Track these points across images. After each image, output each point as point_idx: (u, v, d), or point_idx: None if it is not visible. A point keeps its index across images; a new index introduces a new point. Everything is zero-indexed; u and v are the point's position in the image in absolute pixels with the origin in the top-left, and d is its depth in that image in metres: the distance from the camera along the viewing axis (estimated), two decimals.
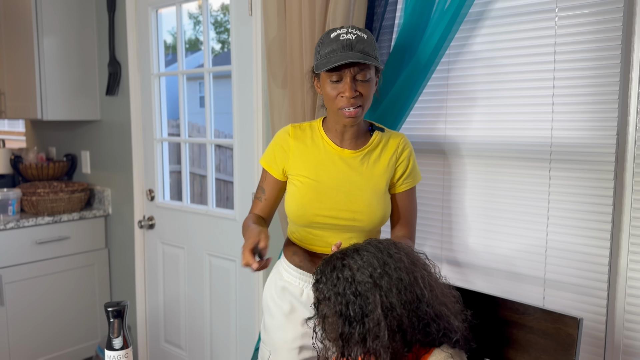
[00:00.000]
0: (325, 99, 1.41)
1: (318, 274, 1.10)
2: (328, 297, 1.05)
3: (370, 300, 1.02)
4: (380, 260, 1.05)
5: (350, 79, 1.34)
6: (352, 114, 1.36)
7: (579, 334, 1.13)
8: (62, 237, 2.87)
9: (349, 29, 1.36)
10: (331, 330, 1.05)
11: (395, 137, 1.49)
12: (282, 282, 1.53)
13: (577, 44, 1.43)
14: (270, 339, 1.54)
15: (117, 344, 1.17)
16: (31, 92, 2.83)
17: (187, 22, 2.69)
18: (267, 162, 1.52)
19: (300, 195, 1.44)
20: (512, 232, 1.59)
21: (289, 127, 1.51)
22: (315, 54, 1.40)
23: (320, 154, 1.46)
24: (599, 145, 1.41)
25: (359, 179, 1.44)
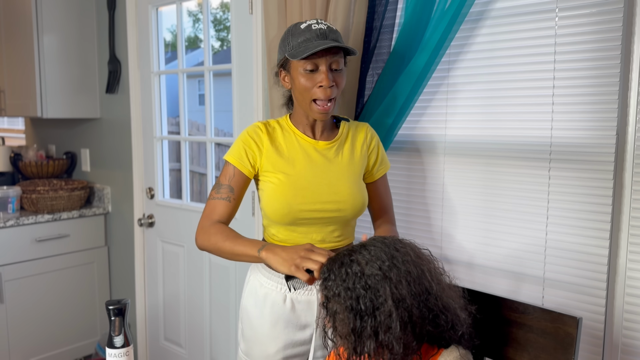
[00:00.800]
0: (298, 92, 1.38)
1: (325, 272, 1.09)
2: (337, 293, 1.05)
3: (380, 292, 1.02)
4: (388, 254, 1.06)
5: (327, 68, 1.33)
6: (326, 109, 1.36)
7: (578, 333, 1.13)
8: (61, 235, 2.87)
9: (317, 20, 1.35)
10: (342, 326, 1.04)
11: (360, 126, 1.53)
12: (264, 290, 1.46)
13: (577, 44, 1.43)
14: (253, 351, 1.48)
15: (118, 342, 1.17)
16: (31, 90, 2.83)
17: (186, 19, 2.68)
18: (237, 158, 1.42)
19: (282, 192, 1.40)
20: (512, 232, 1.59)
21: (259, 124, 1.46)
22: (284, 45, 1.37)
23: (294, 148, 1.44)
24: (598, 145, 1.42)
25: (336, 169, 1.44)
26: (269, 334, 1.45)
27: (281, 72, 1.43)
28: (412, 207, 1.81)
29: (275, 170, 1.41)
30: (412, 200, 1.81)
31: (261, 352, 1.46)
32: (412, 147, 1.79)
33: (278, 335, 1.44)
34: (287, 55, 1.35)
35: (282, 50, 1.38)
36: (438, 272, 1.11)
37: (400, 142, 1.81)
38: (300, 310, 1.45)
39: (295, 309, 1.44)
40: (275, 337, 1.44)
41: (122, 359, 1.18)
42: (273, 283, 1.45)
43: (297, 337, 1.45)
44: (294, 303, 1.44)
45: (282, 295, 1.44)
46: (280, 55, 1.40)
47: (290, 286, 1.40)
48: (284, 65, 1.40)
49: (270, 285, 1.46)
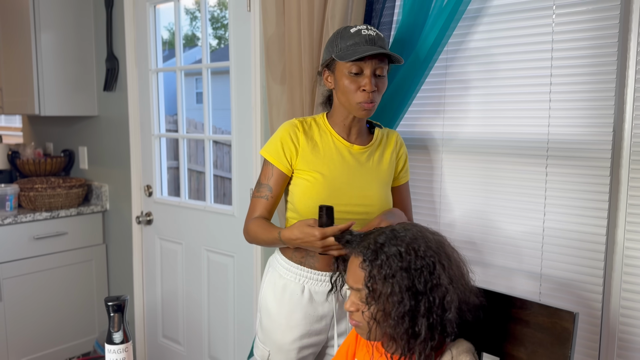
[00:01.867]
0: (340, 92, 1.42)
1: (370, 252, 1.07)
2: (392, 274, 1.03)
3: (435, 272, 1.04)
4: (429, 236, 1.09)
5: (371, 73, 1.37)
6: (369, 106, 1.40)
7: (574, 328, 1.14)
8: (59, 232, 2.87)
9: (367, 26, 1.40)
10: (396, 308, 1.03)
11: (391, 133, 1.58)
12: (283, 281, 1.51)
13: (574, 41, 1.44)
14: (270, 339, 1.53)
15: (117, 338, 1.18)
16: (29, 88, 2.82)
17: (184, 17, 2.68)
18: (275, 156, 1.47)
19: (316, 191, 1.44)
20: (509, 228, 1.60)
21: (295, 121, 1.49)
22: (332, 46, 1.41)
23: (330, 149, 1.47)
24: (595, 142, 1.43)
25: (367, 174, 1.48)
26: (287, 323, 1.49)
27: (325, 71, 1.46)
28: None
29: (310, 168, 1.45)
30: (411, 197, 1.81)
31: (278, 341, 1.50)
32: (410, 144, 1.80)
33: (296, 325, 1.49)
34: (335, 56, 1.39)
35: (329, 51, 1.42)
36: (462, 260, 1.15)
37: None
38: (318, 301, 1.49)
39: (313, 299, 1.49)
40: (293, 327, 1.49)
41: (121, 354, 1.18)
42: (291, 274, 1.50)
43: (314, 327, 1.50)
44: (311, 294, 1.48)
45: (300, 286, 1.49)
46: (326, 55, 1.44)
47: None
48: (329, 66, 1.44)
49: (288, 276, 1.50)
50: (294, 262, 1.50)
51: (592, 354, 1.47)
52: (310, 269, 1.48)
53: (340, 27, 1.43)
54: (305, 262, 1.49)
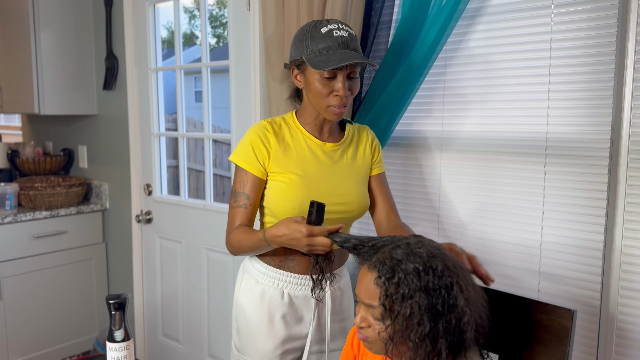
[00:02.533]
0: (312, 94, 1.37)
1: (388, 270, 1.01)
2: (410, 295, 0.98)
3: (453, 292, 0.99)
4: (443, 252, 1.04)
5: (344, 78, 1.32)
6: (342, 111, 1.37)
7: (573, 325, 1.15)
8: (59, 231, 2.88)
9: (339, 25, 1.33)
10: (415, 330, 0.98)
11: (362, 128, 1.55)
12: (260, 287, 1.45)
13: (572, 40, 1.45)
14: (250, 349, 1.47)
15: (118, 336, 1.18)
16: (28, 87, 2.82)
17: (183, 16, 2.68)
18: (248, 161, 1.41)
19: (293, 192, 1.40)
20: (508, 226, 1.61)
21: (264, 122, 1.44)
22: (301, 47, 1.34)
23: (303, 148, 1.44)
24: (593, 141, 1.43)
25: (342, 172, 1.45)
26: (267, 330, 1.45)
27: (294, 69, 1.40)
28: (409, 203, 1.82)
29: (284, 170, 1.41)
30: (409, 196, 1.82)
31: (260, 350, 1.45)
32: (409, 143, 1.81)
33: (277, 332, 1.45)
34: (306, 60, 1.32)
35: (299, 51, 1.36)
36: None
37: (398, 138, 1.82)
38: (298, 304, 1.46)
39: (294, 303, 1.45)
40: (274, 334, 1.45)
41: (122, 352, 1.19)
42: (269, 279, 1.45)
43: (295, 332, 1.46)
44: (291, 298, 1.45)
45: (279, 290, 1.44)
46: (295, 54, 1.37)
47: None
48: (299, 66, 1.38)
49: (266, 281, 1.45)
50: (272, 267, 1.45)
51: (591, 352, 1.48)
52: (289, 273, 1.44)
53: (310, 23, 1.35)
54: (284, 265, 1.44)
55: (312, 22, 1.36)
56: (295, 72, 1.40)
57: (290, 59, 1.41)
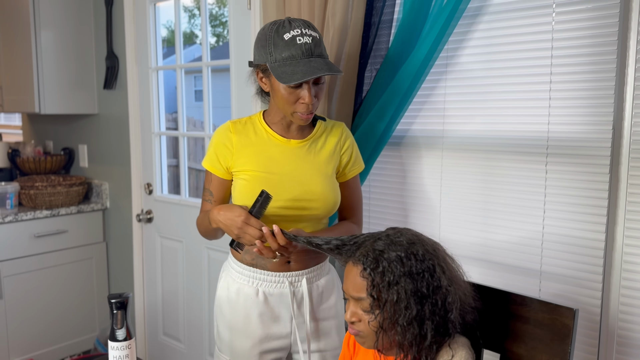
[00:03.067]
0: (278, 100, 1.37)
1: (371, 261, 1.05)
2: (396, 281, 1.03)
3: (436, 274, 1.04)
4: (420, 239, 1.09)
5: (310, 86, 1.32)
6: (309, 117, 1.37)
7: (574, 324, 1.15)
8: (60, 230, 2.88)
9: (302, 29, 1.30)
10: (403, 314, 1.02)
11: (337, 126, 1.53)
12: (236, 285, 1.47)
13: (573, 39, 1.44)
14: (229, 347, 1.49)
15: (120, 335, 1.19)
16: (29, 86, 2.82)
17: (183, 15, 2.68)
18: (210, 163, 1.48)
19: (252, 188, 1.40)
20: (509, 225, 1.61)
21: (228, 123, 1.47)
22: (264, 52, 1.32)
23: (266, 146, 1.44)
24: (595, 140, 1.43)
25: (308, 167, 1.45)
26: (244, 329, 1.46)
27: (258, 72, 1.39)
28: (410, 202, 1.82)
29: (247, 167, 1.43)
30: (410, 195, 1.82)
31: (237, 348, 1.47)
32: (410, 142, 1.81)
33: (253, 330, 1.45)
34: (270, 69, 1.31)
35: (262, 56, 1.33)
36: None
37: (399, 137, 1.82)
38: (273, 302, 1.46)
39: (268, 301, 1.46)
40: (251, 332, 1.45)
41: (124, 351, 1.19)
42: (244, 277, 1.47)
43: (273, 331, 1.46)
44: (266, 296, 1.45)
45: (254, 289, 1.46)
46: (259, 57, 1.35)
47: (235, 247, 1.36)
48: (263, 70, 1.37)
49: (241, 280, 1.47)
50: (245, 265, 1.47)
51: (592, 351, 1.48)
52: (262, 270, 1.45)
53: (271, 26, 1.32)
54: (257, 263, 1.45)
55: (274, 25, 1.32)
56: (260, 75, 1.40)
57: (255, 61, 1.39)
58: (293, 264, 1.46)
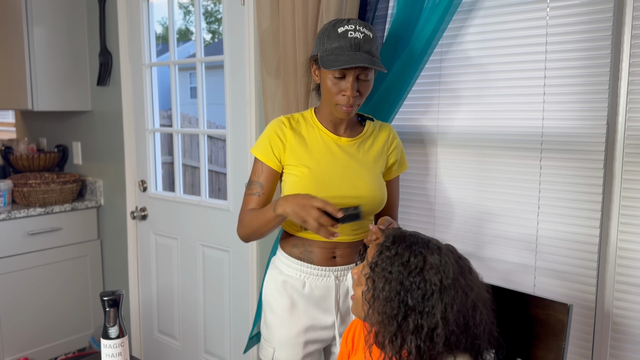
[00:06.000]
0: (324, 91, 1.43)
1: (390, 240, 1.07)
2: (390, 270, 1.03)
3: (431, 302, 1.01)
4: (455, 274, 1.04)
5: (354, 79, 1.36)
6: (349, 110, 1.40)
7: (569, 319, 1.15)
8: (54, 228, 2.86)
9: (356, 26, 1.36)
10: (384, 305, 1.03)
11: (384, 126, 1.57)
12: (283, 277, 1.51)
13: (568, 34, 1.44)
14: (273, 335, 1.52)
15: (113, 332, 1.18)
16: (21, 83, 2.80)
17: (177, 12, 2.67)
18: (264, 153, 1.48)
19: (304, 184, 1.43)
20: (504, 221, 1.61)
21: (282, 118, 1.50)
22: (319, 44, 1.40)
23: (318, 143, 1.47)
24: (589, 135, 1.43)
25: (357, 166, 1.48)
26: (290, 316, 1.49)
27: (313, 64, 1.46)
28: (405, 198, 1.82)
29: (299, 163, 1.45)
30: (405, 191, 1.82)
31: (283, 336, 1.50)
32: (405, 138, 1.80)
33: (298, 319, 1.49)
34: (319, 58, 1.38)
35: (317, 48, 1.41)
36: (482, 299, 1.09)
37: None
38: (320, 295, 1.49)
39: (314, 293, 1.49)
40: (297, 320, 1.49)
41: (117, 349, 1.18)
42: (292, 270, 1.50)
43: (319, 320, 1.49)
44: (312, 288, 1.49)
45: (300, 281, 1.49)
46: (315, 49, 1.43)
47: (346, 217, 1.30)
48: (317, 62, 1.43)
49: (289, 272, 1.50)
50: (293, 258, 1.50)
51: (586, 346, 1.48)
52: (309, 264, 1.48)
53: (332, 21, 1.40)
54: (304, 257, 1.49)
55: (333, 20, 1.40)
56: (314, 67, 1.46)
57: (312, 54, 1.46)
58: (339, 259, 1.49)
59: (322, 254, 1.48)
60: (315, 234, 1.46)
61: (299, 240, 1.50)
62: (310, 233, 1.47)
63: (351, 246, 1.49)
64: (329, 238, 1.29)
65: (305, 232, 1.48)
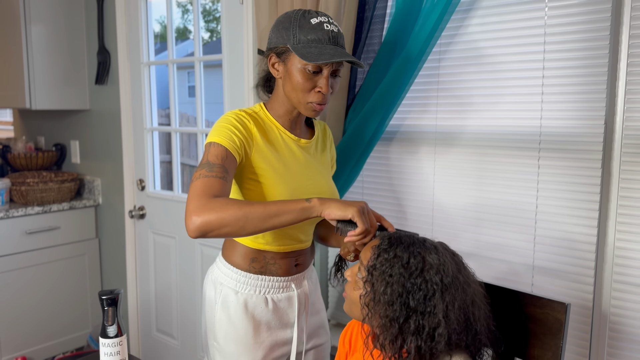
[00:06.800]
0: (291, 87, 1.29)
1: (386, 243, 1.05)
2: (391, 273, 1.02)
3: (433, 301, 1.00)
4: (454, 271, 1.04)
5: (329, 74, 1.27)
6: (321, 108, 1.30)
7: (566, 318, 1.15)
8: (52, 227, 2.86)
9: (328, 19, 1.27)
10: (386, 308, 1.01)
11: (323, 125, 1.53)
12: (242, 297, 1.37)
13: (566, 34, 1.45)
14: None
15: (111, 331, 1.18)
16: (19, 81, 2.80)
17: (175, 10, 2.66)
18: (229, 140, 1.25)
19: (274, 188, 1.31)
20: (502, 220, 1.61)
21: (240, 112, 1.32)
22: (289, 34, 1.26)
23: (280, 143, 1.36)
24: (587, 135, 1.44)
25: (316, 166, 1.42)
26: (254, 342, 1.38)
27: (272, 56, 1.31)
28: (402, 197, 1.82)
29: (267, 166, 1.31)
30: (402, 191, 1.82)
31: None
32: (403, 137, 1.80)
33: (263, 340, 1.39)
34: (293, 49, 1.24)
35: (283, 38, 1.27)
36: (481, 296, 1.10)
37: (392, 132, 1.82)
38: (282, 309, 1.41)
39: (278, 308, 1.41)
40: (261, 343, 1.39)
41: (115, 348, 1.18)
42: (250, 287, 1.38)
43: (280, 337, 1.42)
44: (275, 303, 1.40)
45: (262, 298, 1.38)
46: (277, 40, 1.28)
47: (342, 228, 1.18)
48: (280, 54, 1.29)
49: (247, 290, 1.37)
50: (253, 274, 1.37)
51: (584, 345, 1.49)
52: (272, 277, 1.38)
53: (297, 12, 1.27)
54: (266, 270, 1.38)
55: (299, 10, 1.29)
56: (274, 60, 1.31)
57: (270, 44, 1.31)
58: (300, 266, 1.43)
59: (286, 264, 1.39)
60: (285, 243, 1.37)
61: (258, 254, 1.37)
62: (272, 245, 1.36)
63: (308, 251, 1.45)
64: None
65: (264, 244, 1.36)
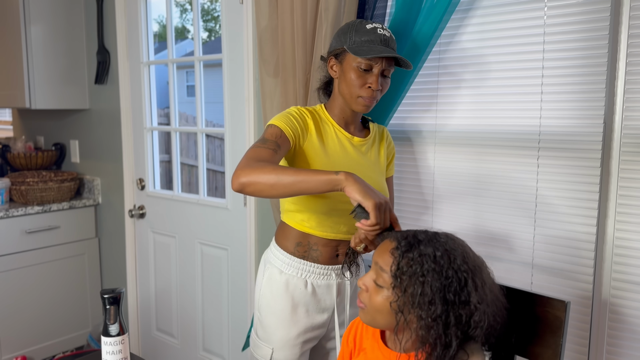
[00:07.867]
0: (344, 84, 1.42)
1: (405, 244, 1.04)
2: (422, 273, 1.00)
3: (468, 287, 1.00)
4: (470, 253, 1.05)
5: (379, 72, 1.39)
6: (370, 103, 1.42)
7: (566, 316, 1.16)
8: (51, 226, 2.86)
9: (382, 25, 1.41)
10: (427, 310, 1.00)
11: (382, 128, 1.62)
12: (284, 277, 1.49)
13: (565, 33, 1.45)
14: (272, 336, 1.51)
15: (113, 330, 1.18)
16: (19, 81, 2.80)
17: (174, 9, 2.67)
18: (286, 123, 1.39)
19: None
20: (501, 219, 1.62)
21: (302, 108, 1.46)
22: (345, 37, 1.41)
23: (334, 140, 1.47)
24: (586, 134, 1.44)
25: (368, 164, 1.50)
26: (291, 319, 1.49)
27: (331, 59, 1.46)
28: (403, 197, 1.83)
29: (317, 158, 1.43)
30: (403, 190, 1.83)
31: (283, 337, 1.50)
32: (403, 136, 1.81)
33: (299, 320, 1.49)
34: (348, 48, 1.39)
35: (340, 41, 1.42)
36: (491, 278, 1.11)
37: (392, 132, 1.82)
38: (321, 294, 1.49)
39: (316, 293, 1.49)
40: (297, 322, 1.49)
41: (117, 347, 1.19)
42: (293, 269, 1.48)
43: (316, 321, 1.51)
44: (314, 287, 1.49)
45: (302, 280, 1.48)
46: (336, 44, 1.44)
47: (358, 212, 1.18)
48: (337, 55, 1.44)
49: (290, 271, 1.48)
50: (296, 257, 1.48)
51: (583, 342, 1.50)
52: (313, 263, 1.47)
53: (355, 21, 1.45)
54: (308, 256, 1.48)
55: (357, 19, 1.45)
56: (332, 62, 1.46)
57: (330, 49, 1.47)
58: (340, 257, 1.50)
59: (327, 253, 1.47)
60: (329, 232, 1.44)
61: (303, 238, 1.47)
62: (315, 229, 1.45)
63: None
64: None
65: (308, 227, 1.45)
